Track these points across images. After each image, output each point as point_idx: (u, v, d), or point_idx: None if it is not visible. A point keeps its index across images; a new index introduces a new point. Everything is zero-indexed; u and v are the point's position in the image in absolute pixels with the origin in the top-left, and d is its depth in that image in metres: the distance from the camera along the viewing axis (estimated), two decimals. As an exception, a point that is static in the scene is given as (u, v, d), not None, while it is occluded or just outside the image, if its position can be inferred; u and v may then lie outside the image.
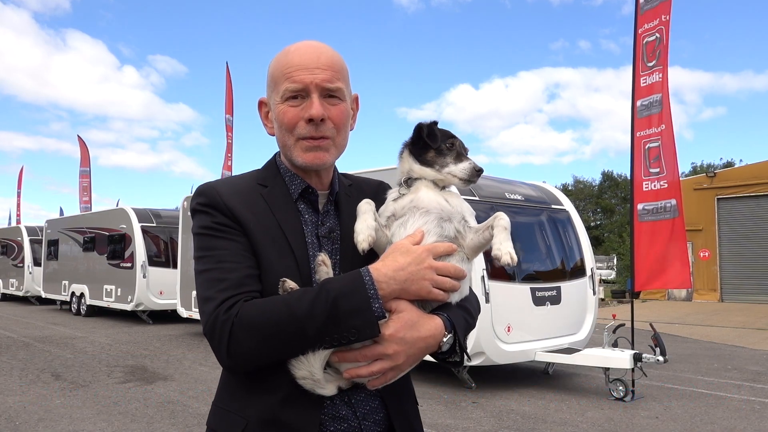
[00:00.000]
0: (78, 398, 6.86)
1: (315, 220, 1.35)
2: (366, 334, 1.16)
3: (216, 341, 1.18)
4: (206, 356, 9.80)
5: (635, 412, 6.46)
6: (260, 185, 1.34)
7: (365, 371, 1.20)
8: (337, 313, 1.14)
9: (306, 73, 1.27)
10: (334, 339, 1.15)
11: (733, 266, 22.32)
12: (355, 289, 1.16)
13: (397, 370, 1.23)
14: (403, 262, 1.21)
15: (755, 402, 6.94)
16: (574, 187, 48.82)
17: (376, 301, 1.16)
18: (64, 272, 18.10)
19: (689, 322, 15.74)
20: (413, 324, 1.21)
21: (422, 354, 1.25)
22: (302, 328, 1.14)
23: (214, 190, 1.30)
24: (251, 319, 1.15)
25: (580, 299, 8.45)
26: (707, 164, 43.09)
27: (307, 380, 1.19)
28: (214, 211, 1.27)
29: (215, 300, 1.18)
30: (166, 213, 15.88)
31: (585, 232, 9.05)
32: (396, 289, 1.19)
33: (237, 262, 1.23)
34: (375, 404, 1.31)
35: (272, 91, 1.33)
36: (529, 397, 7.16)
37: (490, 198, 8.01)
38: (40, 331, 13.17)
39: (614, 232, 38.16)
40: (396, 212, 1.36)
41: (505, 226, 1.31)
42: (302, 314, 1.14)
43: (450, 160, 1.39)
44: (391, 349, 1.19)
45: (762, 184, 21.51)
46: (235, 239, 1.25)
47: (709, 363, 9.57)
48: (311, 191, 1.36)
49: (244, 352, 1.16)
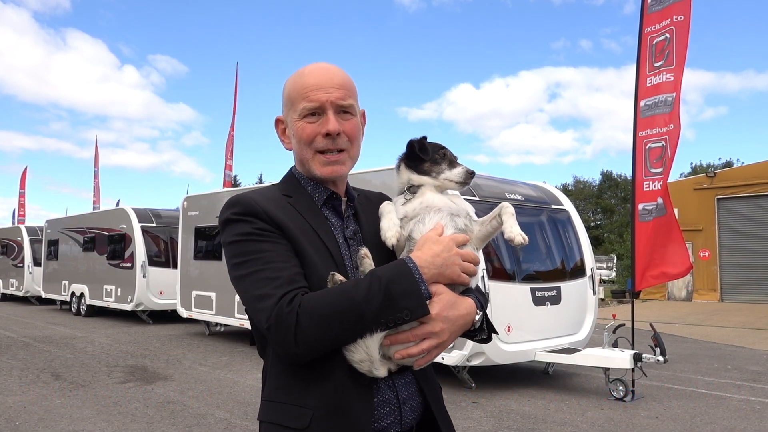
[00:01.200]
0: (78, 398, 6.86)
1: (340, 224, 1.49)
2: (418, 313, 1.28)
3: (282, 333, 1.24)
4: (206, 356, 9.80)
5: (635, 412, 6.46)
6: (285, 196, 1.46)
7: (416, 350, 1.31)
8: (391, 296, 1.25)
9: (322, 92, 1.41)
10: (389, 320, 1.26)
11: (733, 266, 22.32)
12: (404, 273, 1.29)
13: (441, 348, 1.35)
14: (437, 250, 1.35)
15: (755, 402, 6.95)
16: (574, 187, 48.84)
17: (423, 283, 1.29)
18: (64, 272, 18.10)
19: (689, 322, 15.74)
20: (453, 303, 1.35)
21: (461, 331, 1.40)
22: (361, 313, 1.24)
23: (251, 199, 1.39)
24: (315, 308, 1.24)
25: (580, 299, 8.45)
26: (707, 164, 43.13)
27: (365, 362, 1.28)
28: (253, 218, 1.36)
29: (273, 296, 1.26)
30: (166, 213, 15.88)
31: (585, 232, 9.05)
32: (435, 273, 1.33)
33: (285, 261, 1.32)
34: (412, 390, 1.42)
35: (289, 110, 1.47)
36: (529, 397, 7.16)
37: (490, 198, 8.01)
38: (40, 331, 13.18)
39: (614, 232, 38.18)
40: (408, 214, 1.51)
41: (512, 212, 1.50)
42: (360, 300, 1.24)
43: (444, 167, 1.56)
44: (437, 327, 1.31)
45: (762, 184, 21.51)
46: (279, 241, 1.35)
47: (709, 363, 9.57)
48: (335, 197, 1.50)
49: (311, 341, 1.24)
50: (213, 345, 11.09)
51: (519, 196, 8.49)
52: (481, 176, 8.73)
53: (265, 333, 1.29)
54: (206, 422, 5.91)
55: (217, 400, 6.78)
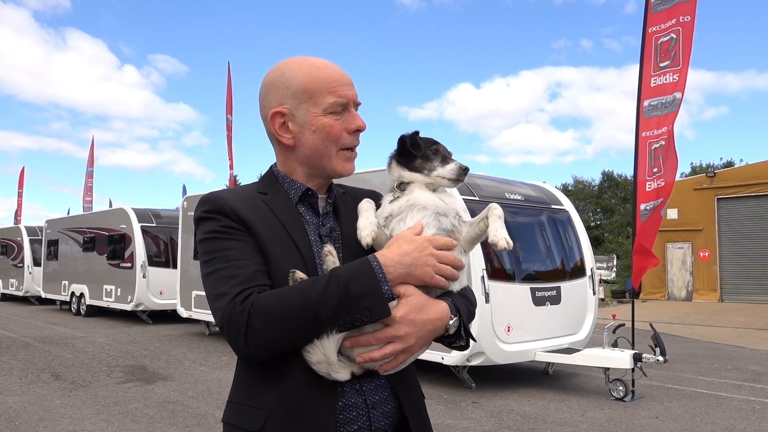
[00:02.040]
0: (78, 398, 6.86)
1: (316, 221, 1.43)
2: (378, 314, 1.22)
3: (234, 332, 1.21)
4: (206, 356, 9.80)
5: (635, 412, 6.46)
6: (260, 193, 1.41)
7: (378, 354, 1.25)
8: (349, 296, 1.20)
9: (347, 88, 1.39)
10: (347, 321, 1.21)
11: (733, 266, 22.32)
12: (365, 272, 1.23)
13: (408, 353, 1.29)
14: (407, 249, 1.28)
15: (755, 402, 6.95)
16: (574, 187, 48.83)
17: (385, 283, 1.23)
18: (63, 272, 18.10)
19: (689, 322, 15.74)
20: (422, 307, 1.28)
21: (431, 336, 1.32)
22: (316, 313, 1.19)
23: (218, 197, 1.36)
24: (267, 307, 1.20)
25: (580, 299, 8.45)
26: (707, 164, 43.13)
27: (322, 364, 1.23)
28: (219, 216, 1.32)
29: (229, 294, 1.23)
30: (166, 213, 15.88)
31: (585, 232, 9.05)
32: (402, 273, 1.26)
33: (246, 259, 1.28)
34: (385, 395, 1.35)
35: (303, 103, 1.38)
36: (529, 397, 7.16)
37: (489, 198, 8.00)
38: (40, 331, 13.17)
39: (614, 232, 38.17)
40: (393, 212, 1.44)
41: (499, 215, 1.42)
42: (315, 299, 1.19)
43: (437, 163, 1.49)
44: (402, 330, 1.25)
45: (762, 184, 21.51)
46: (243, 239, 1.31)
47: (709, 363, 9.57)
48: (311, 193, 1.43)
49: (261, 341, 1.20)
50: (213, 345, 11.09)
51: (519, 196, 8.49)
52: (481, 176, 8.73)
53: (221, 331, 1.26)
54: (206, 422, 5.91)
55: (217, 400, 6.78)
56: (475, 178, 8.38)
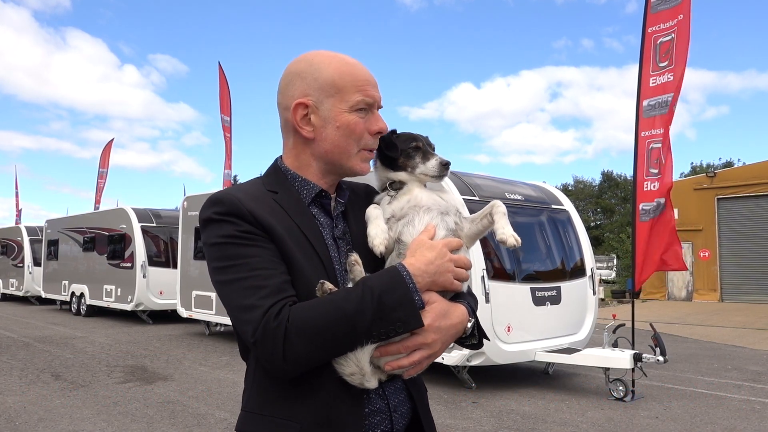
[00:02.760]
0: (78, 398, 6.86)
1: (329, 223, 1.40)
2: (411, 325, 1.22)
3: (269, 348, 1.17)
4: (206, 356, 9.80)
5: (635, 412, 6.46)
6: (270, 191, 1.36)
7: (407, 362, 1.26)
8: (384, 308, 1.19)
9: (374, 89, 1.39)
10: (382, 333, 1.20)
11: (733, 266, 22.31)
12: (397, 283, 1.22)
13: (432, 358, 1.31)
14: (431, 257, 1.28)
15: (755, 402, 6.94)
16: (574, 187, 48.85)
17: (416, 293, 1.23)
18: (64, 272, 18.10)
19: (689, 322, 15.74)
20: (445, 313, 1.29)
21: (452, 340, 1.35)
22: (353, 326, 1.18)
23: (234, 197, 1.28)
24: (304, 322, 1.17)
25: (580, 299, 8.45)
26: (706, 164, 43.13)
27: (356, 375, 1.24)
28: (237, 220, 1.26)
29: (260, 307, 1.18)
30: (166, 213, 15.88)
31: (585, 232, 9.05)
32: (428, 282, 1.27)
33: (272, 268, 1.24)
34: (402, 397, 1.38)
35: (330, 97, 1.35)
36: (529, 397, 7.16)
37: (489, 198, 8.00)
38: (40, 331, 13.17)
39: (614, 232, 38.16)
40: (395, 213, 1.42)
41: (504, 212, 1.42)
42: (351, 312, 1.18)
43: (418, 160, 1.46)
44: (429, 338, 1.26)
45: (762, 184, 21.51)
46: (265, 246, 1.25)
47: (709, 363, 9.57)
48: (324, 195, 1.41)
49: (300, 356, 1.18)
50: (213, 345, 11.09)
51: (519, 196, 8.49)
52: (481, 176, 8.73)
53: (250, 347, 1.22)
54: (206, 422, 5.91)
55: (217, 400, 6.78)
56: (475, 178, 8.39)
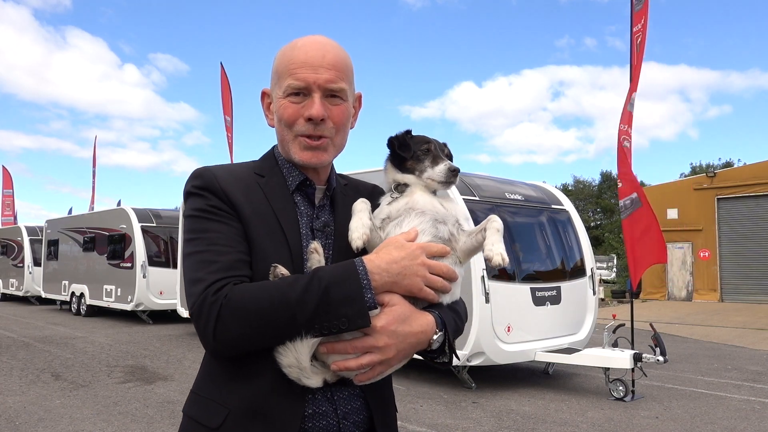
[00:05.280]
0: (78, 398, 6.86)
1: (310, 213, 1.35)
2: (357, 323, 1.14)
3: (202, 324, 1.15)
4: (206, 356, 9.80)
5: (635, 412, 6.46)
6: (257, 175, 1.34)
7: (354, 363, 1.18)
8: (329, 300, 1.13)
9: (310, 71, 1.28)
10: (324, 327, 1.14)
11: (733, 266, 22.32)
12: (348, 277, 1.16)
13: (386, 365, 1.21)
14: (397, 256, 1.21)
15: (755, 402, 6.94)
16: (574, 187, 48.84)
17: (368, 291, 1.16)
18: (64, 272, 18.10)
19: (689, 322, 15.74)
20: (405, 318, 1.20)
21: (412, 350, 1.24)
22: (292, 314, 1.12)
23: (211, 174, 1.29)
24: (241, 302, 1.13)
25: (580, 299, 8.45)
26: (706, 164, 43.12)
27: (293, 368, 1.17)
28: (209, 194, 1.26)
29: (204, 281, 1.16)
30: (166, 213, 15.89)
31: (585, 232, 9.06)
32: (388, 282, 1.19)
33: (229, 245, 1.21)
34: (357, 405, 1.29)
35: (275, 84, 1.35)
36: (529, 397, 7.16)
37: (490, 198, 8.02)
38: (40, 331, 13.17)
39: (614, 232, 38.14)
40: (391, 214, 1.37)
41: (498, 228, 1.33)
42: (293, 300, 1.12)
43: (427, 164, 1.40)
44: (381, 341, 1.17)
45: (762, 184, 21.52)
46: (229, 223, 1.24)
47: (709, 363, 9.57)
48: (309, 183, 1.36)
49: (231, 336, 1.14)
50: (213, 345, 11.07)
51: (519, 196, 8.49)
52: (481, 176, 8.73)
53: (191, 320, 1.19)
54: (206, 422, 5.91)
55: (217, 400, 6.78)
56: (475, 178, 8.39)
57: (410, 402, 6.72)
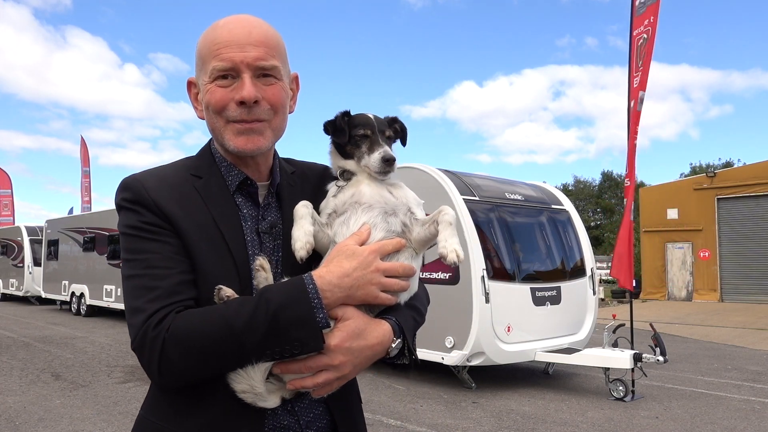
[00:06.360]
0: (78, 398, 6.86)
1: (255, 214, 1.26)
2: (309, 346, 1.08)
3: (146, 359, 1.07)
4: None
5: (635, 412, 6.46)
6: (194, 176, 1.23)
7: (310, 382, 1.12)
8: (278, 326, 1.06)
9: (236, 50, 1.16)
10: (276, 352, 1.08)
11: (733, 266, 22.32)
12: (298, 298, 1.08)
13: (342, 380, 1.16)
14: (349, 268, 1.13)
15: (755, 402, 6.95)
16: (574, 187, 48.85)
17: (320, 311, 1.09)
18: (64, 272, 18.11)
19: (689, 322, 15.74)
20: (360, 332, 1.14)
21: (369, 362, 1.18)
22: (241, 343, 1.05)
23: (140, 184, 1.18)
24: (184, 334, 1.05)
25: (580, 299, 8.45)
26: (706, 164, 43.13)
27: (248, 394, 1.12)
28: (140, 209, 1.16)
29: (144, 312, 1.08)
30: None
31: (585, 232, 9.06)
32: (341, 297, 1.12)
33: (168, 267, 1.12)
34: (319, 411, 1.25)
35: (200, 70, 1.23)
36: (529, 397, 7.16)
37: (490, 198, 8.02)
38: (40, 331, 13.18)
39: (614, 232, 38.15)
40: (337, 208, 1.27)
41: (450, 221, 1.22)
42: (240, 328, 1.05)
43: (364, 150, 1.27)
44: (336, 359, 1.12)
45: (762, 184, 21.52)
46: (166, 240, 1.14)
47: (709, 363, 9.58)
48: (250, 183, 1.26)
49: (176, 370, 1.07)
50: (213, 345, 11.08)
51: (519, 196, 8.49)
52: (482, 176, 8.74)
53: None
54: (206, 422, 5.91)
55: (217, 400, 6.78)
56: (475, 178, 8.39)
57: (410, 402, 6.72)
